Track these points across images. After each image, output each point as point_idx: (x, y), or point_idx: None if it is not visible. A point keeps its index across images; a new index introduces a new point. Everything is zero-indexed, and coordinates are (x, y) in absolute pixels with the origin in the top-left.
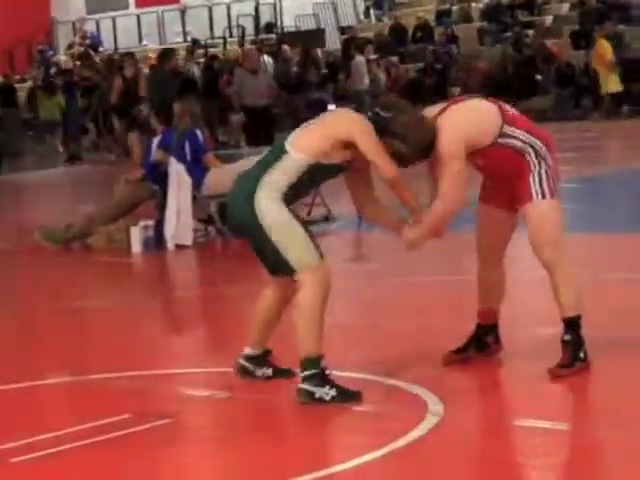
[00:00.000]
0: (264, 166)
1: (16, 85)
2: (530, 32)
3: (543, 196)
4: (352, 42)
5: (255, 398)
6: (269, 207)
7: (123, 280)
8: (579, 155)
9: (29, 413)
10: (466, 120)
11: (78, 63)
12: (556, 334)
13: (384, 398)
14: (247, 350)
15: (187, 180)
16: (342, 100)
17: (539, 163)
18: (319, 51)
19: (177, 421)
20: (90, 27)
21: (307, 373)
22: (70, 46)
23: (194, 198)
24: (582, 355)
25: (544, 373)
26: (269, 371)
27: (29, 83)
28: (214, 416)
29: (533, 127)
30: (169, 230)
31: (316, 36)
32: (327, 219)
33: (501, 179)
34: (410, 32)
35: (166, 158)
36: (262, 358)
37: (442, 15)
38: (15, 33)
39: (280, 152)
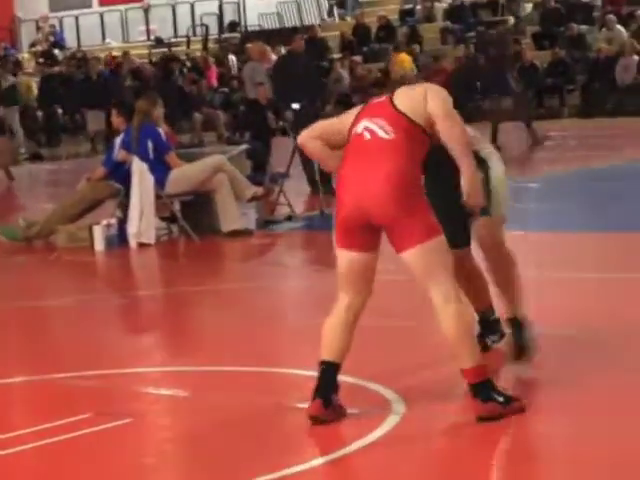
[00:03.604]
0: None
1: None
2: (493, 32)
3: None
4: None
5: (217, 397)
6: None
7: (86, 278)
8: None
9: None
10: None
11: (41, 61)
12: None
13: (346, 397)
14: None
15: (150, 178)
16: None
17: None
18: (282, 49)
19: (138, 421)
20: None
21: None
22: (33, 44)
23: (157, 196)
24: None
25: (512, 370)
26: (496, 337)
27: None
28: (175, 416)
29: None
30: (132, 228)
31: (279, 35)
32: (290, 218)
33: None
34: (373, 31)
35: (129, 157)
36: (493, 325)
37: (405, 15)
38: None
39: None
